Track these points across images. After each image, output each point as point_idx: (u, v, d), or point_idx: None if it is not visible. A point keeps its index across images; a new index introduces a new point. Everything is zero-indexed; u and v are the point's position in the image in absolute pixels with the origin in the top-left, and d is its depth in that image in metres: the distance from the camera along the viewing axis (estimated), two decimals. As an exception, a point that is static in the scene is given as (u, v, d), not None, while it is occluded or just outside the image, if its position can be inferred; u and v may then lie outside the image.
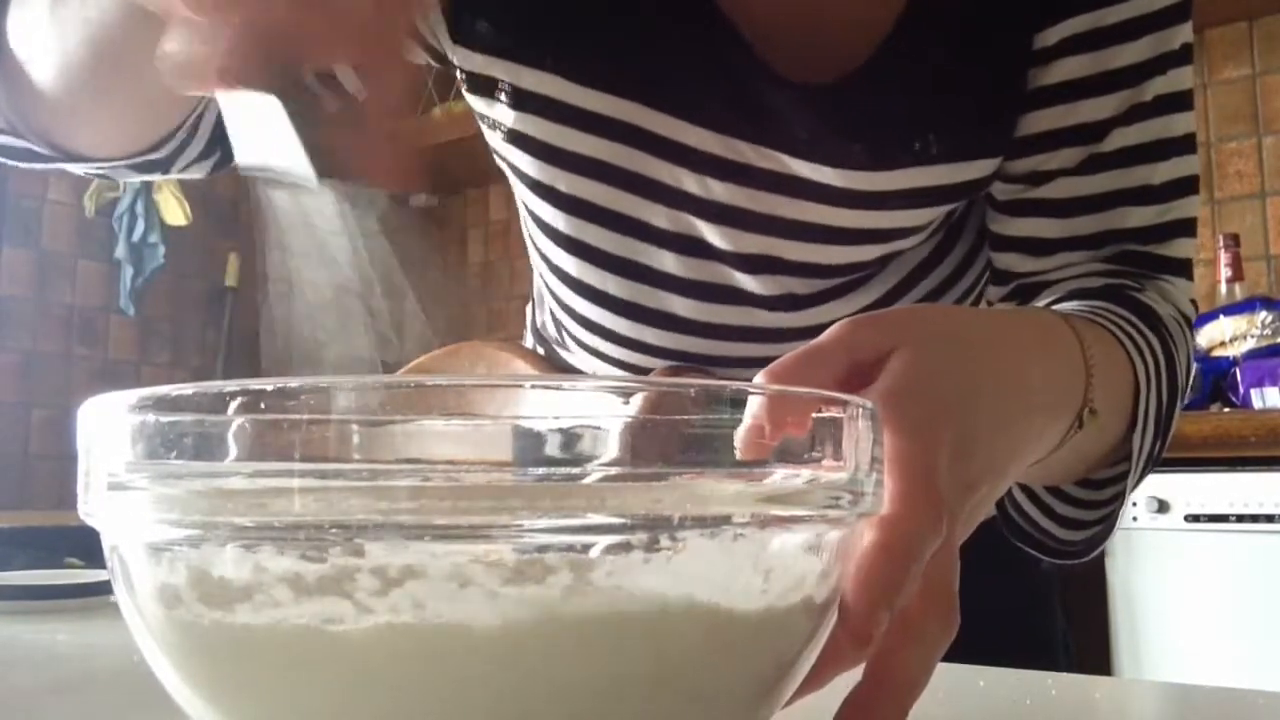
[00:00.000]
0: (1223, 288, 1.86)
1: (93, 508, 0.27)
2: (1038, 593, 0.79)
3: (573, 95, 0.60)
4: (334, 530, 0.23)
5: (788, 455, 0.26)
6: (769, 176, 0.61)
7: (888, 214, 0.62)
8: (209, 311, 2.93)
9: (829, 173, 0.60)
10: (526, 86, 0.60)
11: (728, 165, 0.61)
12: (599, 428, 0.24)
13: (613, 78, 0.60)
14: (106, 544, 0.27)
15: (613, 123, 0.61)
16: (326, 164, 0.35)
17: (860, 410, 0.28)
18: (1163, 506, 1.81)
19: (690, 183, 0.62)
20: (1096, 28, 0.57)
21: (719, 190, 0.62)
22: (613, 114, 0.60)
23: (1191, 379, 0.58)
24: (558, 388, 0.27)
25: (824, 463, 0.27)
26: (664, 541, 0.24)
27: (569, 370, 0.81)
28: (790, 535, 0.26)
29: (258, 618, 0.24)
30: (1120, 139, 0.59)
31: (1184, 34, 0.59)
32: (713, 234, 0.64)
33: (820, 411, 0.27)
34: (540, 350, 0.82)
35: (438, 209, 3.39)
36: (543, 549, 0.23)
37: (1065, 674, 0.46)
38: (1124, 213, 0.59)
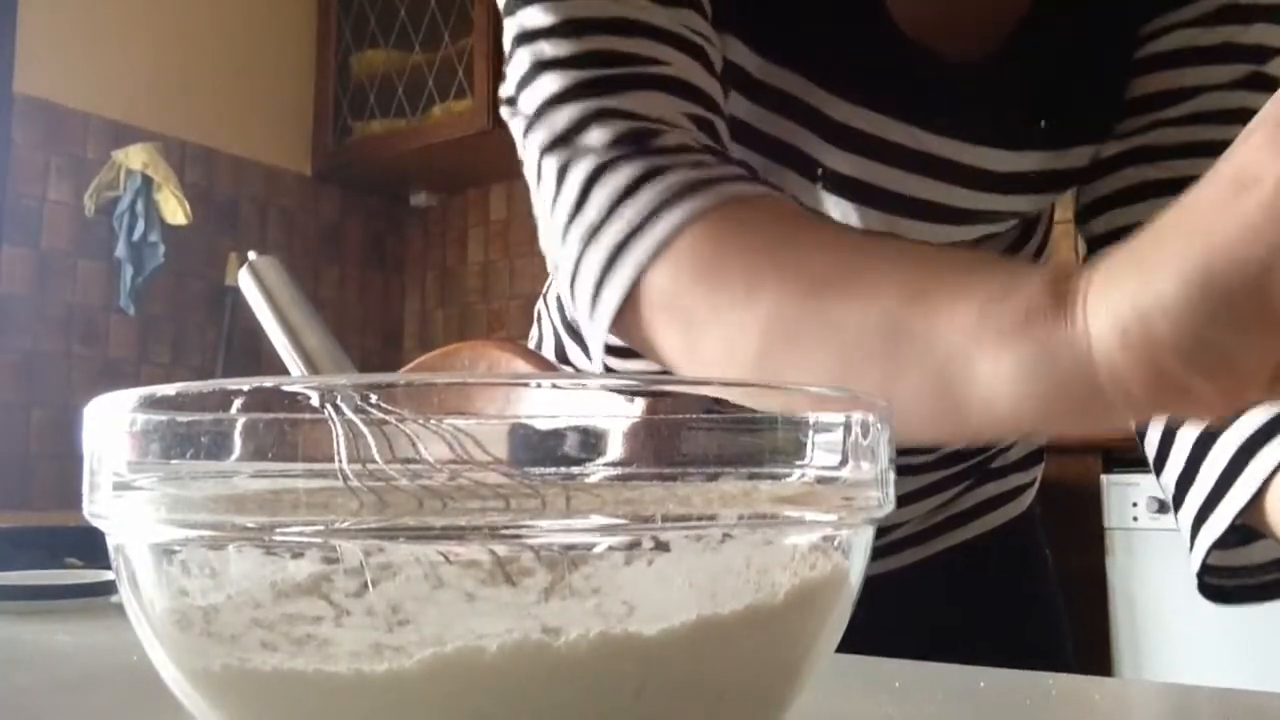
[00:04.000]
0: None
1: (98, 508, 0.27)
2: (1044, 594, 0.79)
3: (743, 58, 0.60)
4: (338, 531, 0.23)
5: (792, 456, 0.26)
6: (899, 152, 0.62)
7: (1008, 198, 0.63)
8: (209, 311, 2.93)
9: (965, 150, 0.61)
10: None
11: (864, 139, 0.61)
12: (601, 428, 0.24)
13: (775, 44, 0.60)
14: (111, 544, 0.27)
15: (766, 88, 0.60)
16: None
17: (867, 411, 0.28)
18: (1163, 507, 1.81)
19: (825, 154, 0.62)
20: (1206, 12, 0.59)
21: (850, 164, 0.62)
22: (770, 80, 0.60)
23: None
24: (561, 388, 0.27)
25: (828, 464, 0.27)
26: (661, 544, 0.24)
27: (567, 370, 0.81)
28: (794, 537, 0.26)
29: (263, 617, 0.24)
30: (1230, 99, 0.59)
31: None
32: (836, 208, 0.64)
33: (826, 412, 0.27)
34: (570, 339, 0.81)
35: (437, 209, 3.39)
36: (563, 552, 0.23)
37: (1065, 674, 0.45)
38: None
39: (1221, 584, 0.57)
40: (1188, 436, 0.56)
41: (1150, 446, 0.59)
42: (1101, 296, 0.34)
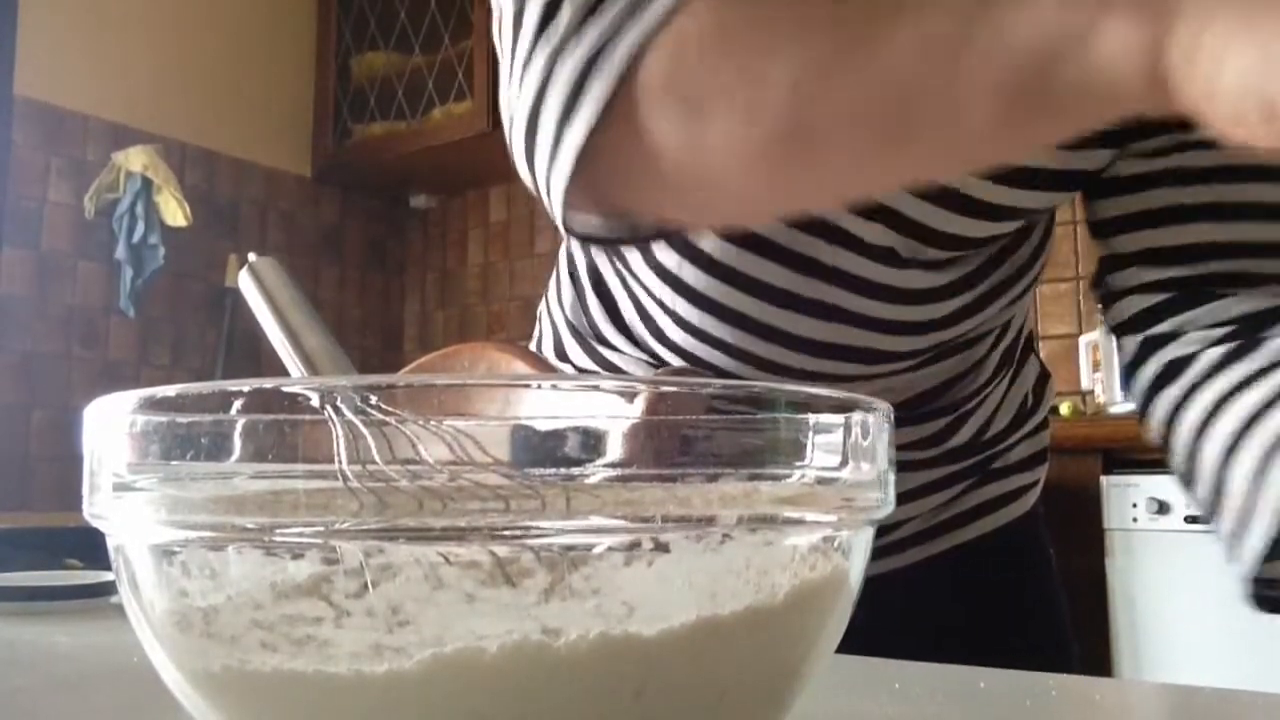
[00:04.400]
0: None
1: (98, 509, 0.27)
2: (1047, 595, 0.79)
3: None
4: (338, 532, 0.23)
5: (792, 456, 0.26)
6: None
7: (1013, 191, 0.63)
8: (209, 312, 2.93)
9: None
10: None
11: None
12: (601, 429, 0.24)
13: None
14: (111, 545, 0.27)
15: None
16: None
17: (867, 411, 0.28)
18: (1163, 508, 1.81)
19: None
20: None
21: None
22: None
23: None
24: (561, 389, 0.27)
25: (828, 465, 0.27)
26: (661, 544, 0.24)
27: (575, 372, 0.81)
28: (794, 538, 0.26)
29: (263, 618, 0.24)
30: None
31: None
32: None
33: (827, 413, 0.27)
34: (577, 344, 0.80)
35: (437, 210, 3.39)
36: (563, 553, 0.23)
37: (1065, 675, 0.45)
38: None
39: (1271, 594, 0.57)
40: (1210, 456, 0.56)
41: (1177, 467, 0.59)
42: (1190, 32, 0.35)
